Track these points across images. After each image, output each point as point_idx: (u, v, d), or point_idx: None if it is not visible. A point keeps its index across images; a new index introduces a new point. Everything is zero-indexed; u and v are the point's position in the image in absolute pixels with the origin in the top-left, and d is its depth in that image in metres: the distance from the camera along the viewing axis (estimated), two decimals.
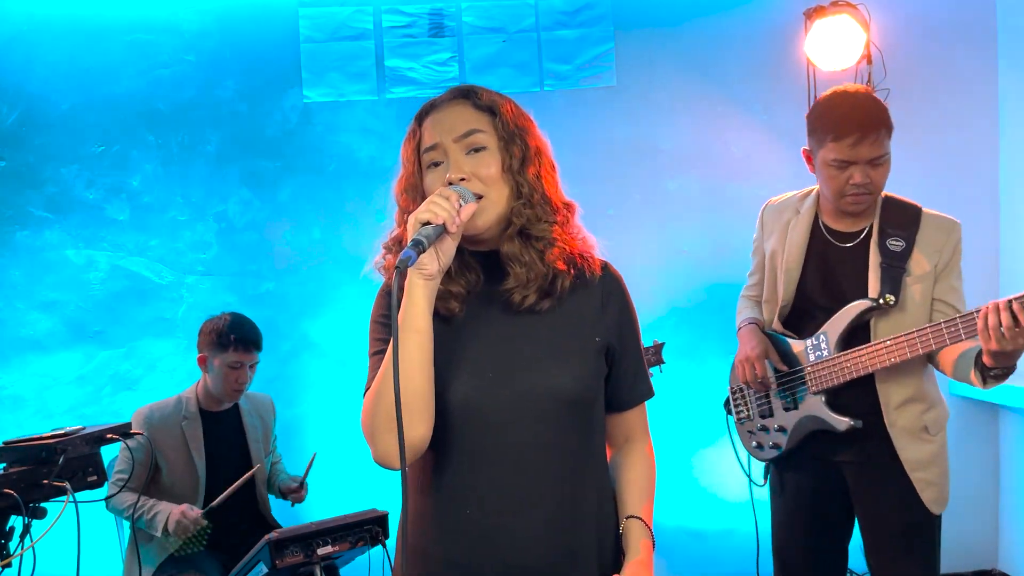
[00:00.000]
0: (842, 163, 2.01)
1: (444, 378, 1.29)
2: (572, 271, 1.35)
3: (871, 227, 2.13)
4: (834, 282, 2.14)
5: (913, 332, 1.98)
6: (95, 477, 1.72)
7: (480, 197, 1.28)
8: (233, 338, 2.81)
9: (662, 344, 2.88)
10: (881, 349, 2.02)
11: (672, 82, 3.59)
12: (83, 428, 1.75)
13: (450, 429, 1.28)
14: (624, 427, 1.45)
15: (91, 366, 3.47)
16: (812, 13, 3.45)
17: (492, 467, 1.28)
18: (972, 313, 1.89)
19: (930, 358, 2.10)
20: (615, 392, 1.41)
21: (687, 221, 3.55)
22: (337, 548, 2.32)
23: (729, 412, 2.43)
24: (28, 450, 1.63)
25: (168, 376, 3.48)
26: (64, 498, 1.62)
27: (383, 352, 1.32)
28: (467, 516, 1.29)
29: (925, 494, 2.09)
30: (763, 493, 2.45)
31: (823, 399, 2.13)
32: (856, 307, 2.08)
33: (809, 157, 2.14)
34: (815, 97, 3.51)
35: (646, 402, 1.47)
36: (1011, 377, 1.92)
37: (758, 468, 2.43)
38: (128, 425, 1.82)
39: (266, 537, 2.25)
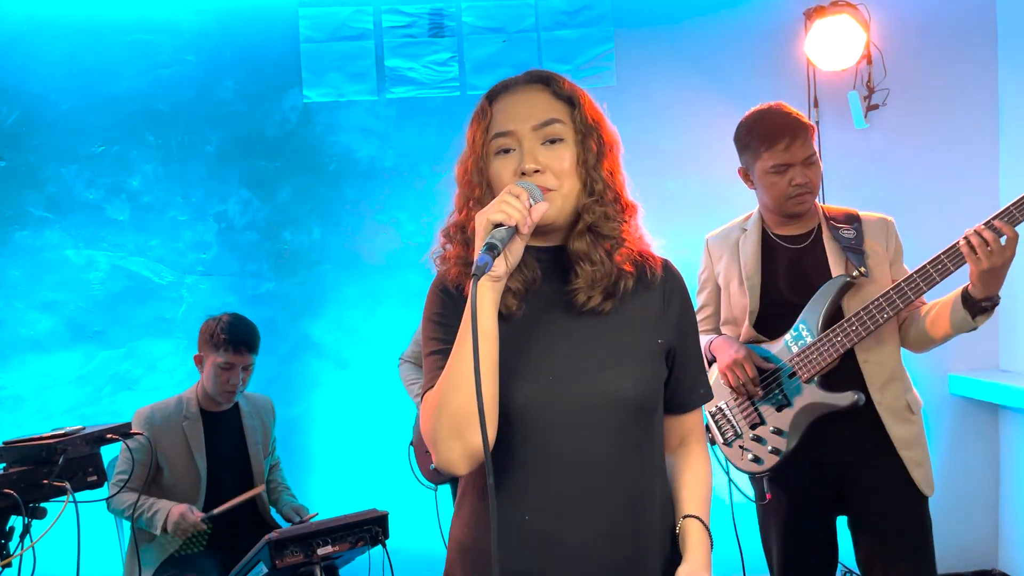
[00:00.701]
0: (780, 167, 2.16)
1: (503, 380, 1.23)
2: (635, 272, 1.32)
3: (818, 226, 2.26)
4: (800, 279, 2.22)
5: (887, 292, 2.08)
6: (95, 477, 1.72)
7: (549, 191, 1.24)
8: (224, 339, 2.80)
9: None
10: (864, 314, 2.09)
11: (672, 82, 3.59)
12: (83, 428, 1.75)
13: (509, 432, 1.24)
14: (681, 430, 1.42)
15: (91, 366, 3.47)
16: (812, 13, 3.45)
17: (551, 473, 1.24)
18: (924, 265, 2.04)
19: (905, 339, 2.21)
20: (674, 394, 1.38)
21: (687, 221, 3.55)
22: (337, 548, 2.32)
23: (711, 440, 2.37)
24: (28, 450, 1.63)
25: (168, 376, 3.48)
26: (64, 498, 1.62)
27: (442, 352, 1.27)
28: (525, 522, 1.25)
29: (915, 473, 2.14)
30: (746, 495, 2.45)
31: (817, 383, 2.17)
32: (831, 286, 2.15)
33: (746, 175, 2.29)
34: (815, 97, 3.51)
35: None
36: (1011, 377, 1.94)
37: (742, 481, 2.40)
38: (128, 425, 1.82)
39: (266, 537, 2.25)
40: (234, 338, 2.82)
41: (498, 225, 1.15)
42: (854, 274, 2.15)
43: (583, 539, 1.25)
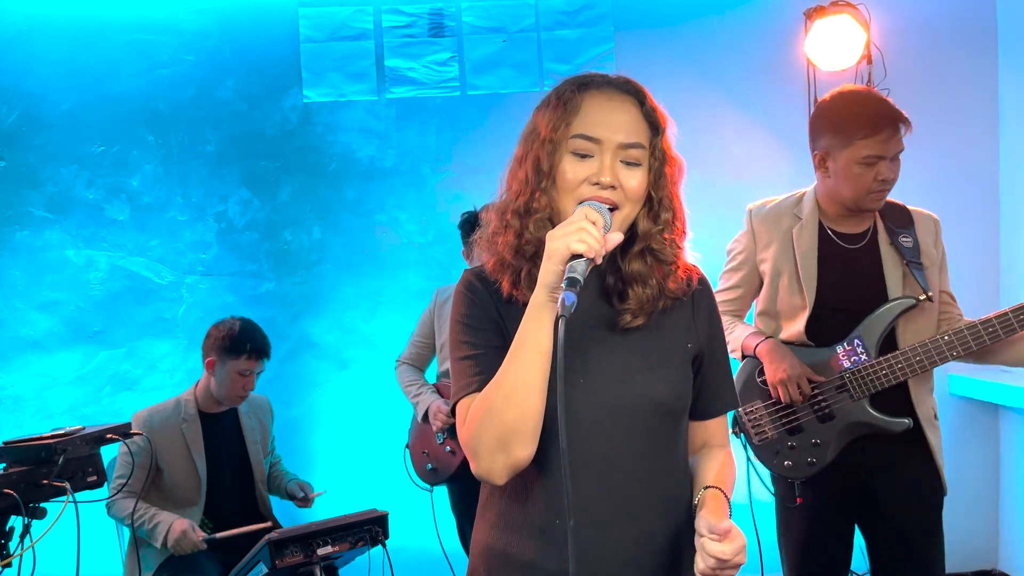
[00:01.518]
0: (874, 159, 2.02)
1: None
2: (679, 293, 1.31)
3: (874, 226, 2.14)
4: (853, 284, 2.12)
5: (965, 329, 2.03)
6: (95, 477, 1.72)
7: (613, 209, 1.22)
8: (248, 347, 2.80)
9: None
10: (933, 345, 2.04)
11: (672, 82, 3.59)
12: (83, 428, 1.75)
13: (544, 438, 1.22)
14: (704, 435, 1.40)
15: (91, 366, 3.47)
16: (812, 13, 3.45)
17: (582, 475, 1.23)
18: (1007, 312, 1.99)
19: (981, 356, 2.13)
20: (699, 400, 1.36)
21: (687, 221, 3.55)
22: (337, 548, 2.32)
23: (738, 433, 2.28)
24: (28, 450, 1.63)
25: (168, 376, 3.48)
26: (64, 498, 1.62)
27: (474, 358, 1.26)
28: (557, 525, 1.24)
29: (943, 476, 2.14)
30: (763, 495, 2.44)
31: (867, 403, 2.10)
32: (898, 306, 2.07)
33: (824, 160, 2.11)
34: (815, 97, 3.51)
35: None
36: (1011, 377, 1.94)
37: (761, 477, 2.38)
38: (128, 425, 1.82)
39: (266, 537, 2.25)
40: (256, 346, 2.82)
41: (576, 255, 1.12)
42: (921, 298, 2.06)
43: (616, 542, 1.25)
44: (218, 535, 2.67)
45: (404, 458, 3.14)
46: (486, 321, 1.27)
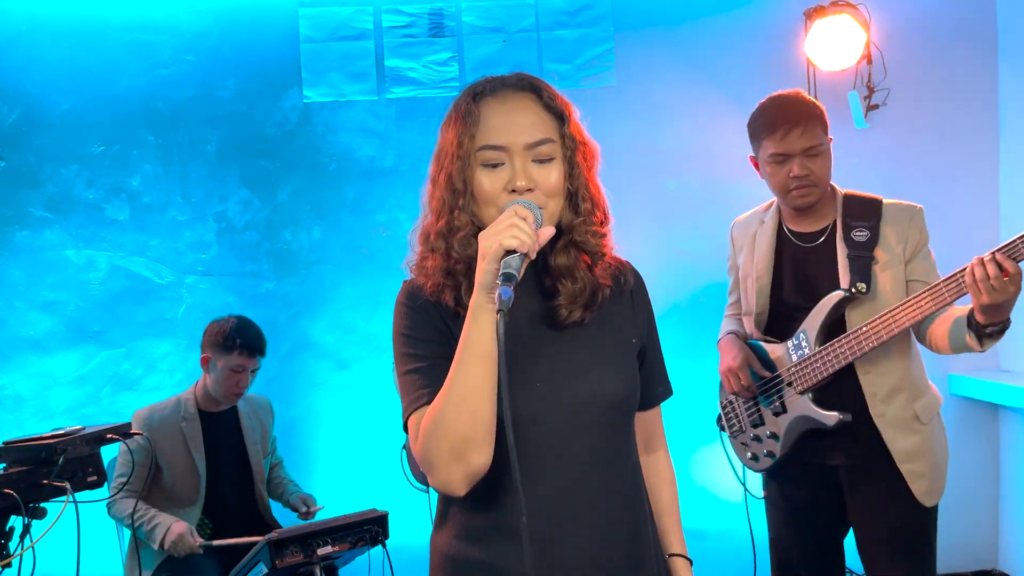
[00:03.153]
0: (779, 157, 2.09)
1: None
2: (611, 282, 1.32)
3: (834, 223, 2.17)
4: (807, 282, 2.17)
5: (886, 313, 2.01)
6: (95, 477, 1.72)
7: (541, 209, 1.22)
8: (239, 342, 2.81)
9: None
10: (860, 334, 2.05)
11: (672, 82, 3.59)
12: (83, 428, 1.75)
13: (500, 439, 1.22)
14: (646, 428, 1.43)
15: (91, 366, 3.47)
16: (812, 13, 3.45)
17: (544, 476, 1.24)
18: (939, 283, 1.94)
19: (921, 339, 2.13)
20: (642, 392, 1.38)
21: (687, 221, 3.55)
22: (337, 548, 2.33)
23: (722, 428, 2.44)
24: (28, 450, 1.63)
25: (168, 376, 3.48)
26: (64, 498, 1.62)
27: (419, 371, 1.24)
28: (521, 525, 1.23)
29: (915, 486, 2.09)
30: (757, 492, 2.46)
31: (810, 397, 2.14)
32: (829, 300, 2.10)
33: (756, 163, 2.22)
34: (815, 97, 3.51)
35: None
36: (1011, 377, 1.92)
37: (754, 478, 2.41)
38: (128, 425, 1.82)
39: (266, 537, 2.25)
40: (248, 342, 2.83)
41: (509, 252, 1.12)
42: (851, 290, 2.07)
43: (581, 540, 1.25)
44: (215, 543, 2.67)
45: (401, 459, 3.14)
46: (430, 332, 1.26)
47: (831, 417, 2.10)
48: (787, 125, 2.07)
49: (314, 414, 3.55)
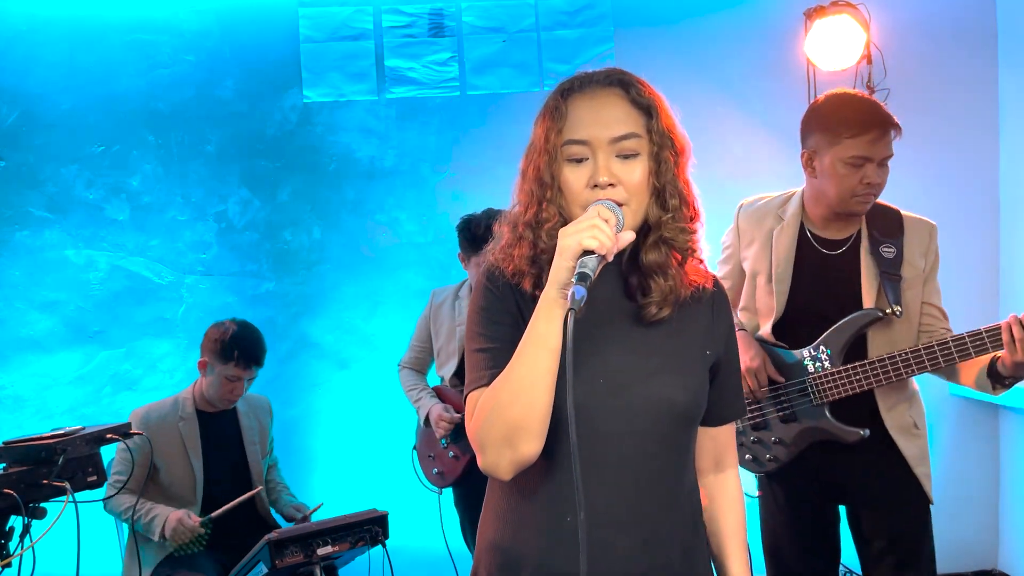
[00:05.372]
0: (860, 160, 2.00)
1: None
2: (693, 285, 1.31)
3: (859, 233, 2.13)
4: (827, 291, 2.12)
5: (922, 350, 2.01)
6: (95, 477, 1.72)
7: (620, 205, 1.22)
8: (236, 353, 2.80)
9: None
10: (898, 363, 2.03)
11: (672, 82, 3.56)
12: (83, 428, 1.75)
13: (556, 434, 1.22)
14: (716, 445, 1.41)
15: (91, 366, 3.47)
16: (812, 13, 3.45)
17: (598, 477, 1.22)
18: (980, 331, 1.95)
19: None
20: (713, 407, 1.36)
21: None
22: (337, 548, 2.32)
23: None
24: (28, 450, 1.63)
25: (168, 376, 3.48)
26: (64, 498, 1.62)
27: (488, 351, 1.25)
28: (567, 524, 1.23)
29: (926, 486, 2.12)
30: (751, 491, 2.45)
31: (827, 410, 2.11)
32: (862, 318, 2.06)
33: (810, 159, 2.11)
34: (815, 97, 3.51)
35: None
36: None
37: (746, 477, 2.40)
38: (128, 425, 1.82)
39: (266, 537, 2.25)
40: (245, 353, 2.81)
41: (587, 252, 1.13)
42: (887, 311, 2.05)
43: (625, 545, 1.24)
44: (213, 513, 2.69)
45: (412, 460, 3.14)
46: (504, 315, 1.27)
47: (852, 433, 2.07)
48: (880, 129, 2.00)
49: (314, 414, 3.55)
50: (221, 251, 3.52)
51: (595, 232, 1.14)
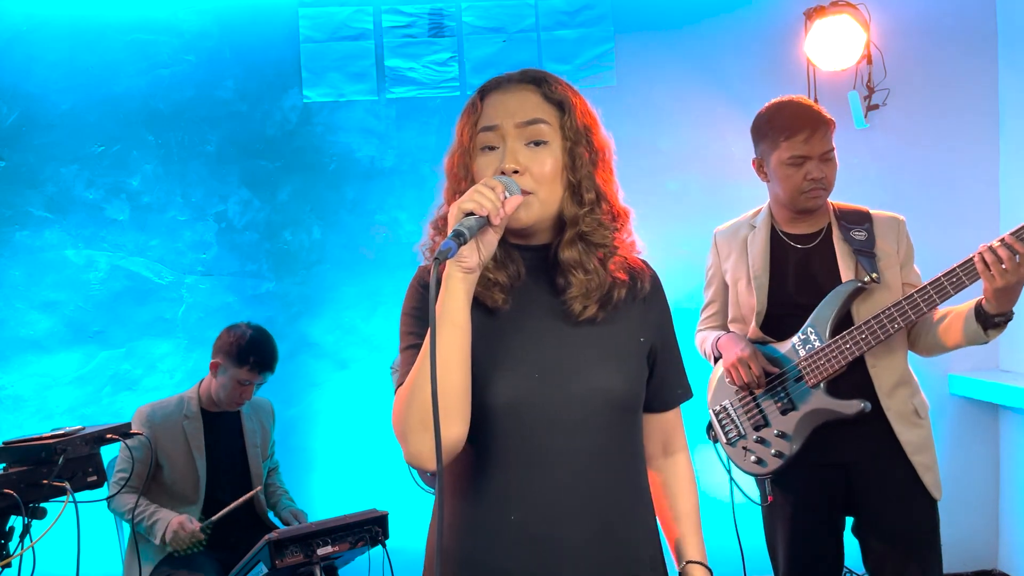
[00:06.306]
0: (798, 159, 2.13)
1: (487, 376, 1.22)
2: (628, 280, 1.32)
3: (829, 225, 2.23)
4: (808, 280, 2.20)
5: (903, 300, 2.05)
6: (95, 477, 1.72)
7: (528, 193, 1.23)
8: (252, 359, 2.81)
9: None
10: (885, 316, 2.06)
11: (672, 82, 3.59)
12: (83, 428, 1.75)
13: (492, 431, 1.22)
14: (663, 430, 1.42)
15: (91, 366, 3.47)
16: (812, 13, 3.45)
17: (539, 472, 1.22)
18: (953, 268, 2.01)
19: (914, 341, 2.19)
20: (657, 392, 1.38)
21: (687, 221, 3.55)
22: (337, 548, 2.33)
23: (714, 439, 2.39)
24: (28, 450, 1.63)
25: (168, 376, 3.48)
26: (64, 498, 1.62)
27: (417, 347, 1.26)
28: (512, 522, 1.23)
29: (926, 478, 2.13)
30: (753, 498, 2.44)
31: (823, 389, 2.14)
32: (843, 291, 2.13)
33: (760, 166, 2.25)
34: (816, 97, 3.51)
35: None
36: (1011, 377, 1.93)
37: (750, 485, 2.39)
38: (128, 425, 1.82)
39: (266, 537, 2.25)
40: (261, 359, 2.83)
41: (469, 214, 1.14)
42: (865, 279, 2.12)
43: (573, 539, 1.23)
44: (214, 517, 2.70)
45: None
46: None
47: (852, 406, 2.10)
48: (809, 129, 2.12)
49: (313, 414, 3.55)
50: (221, 251, 3.52)
51: (474, 195, 1.15)
